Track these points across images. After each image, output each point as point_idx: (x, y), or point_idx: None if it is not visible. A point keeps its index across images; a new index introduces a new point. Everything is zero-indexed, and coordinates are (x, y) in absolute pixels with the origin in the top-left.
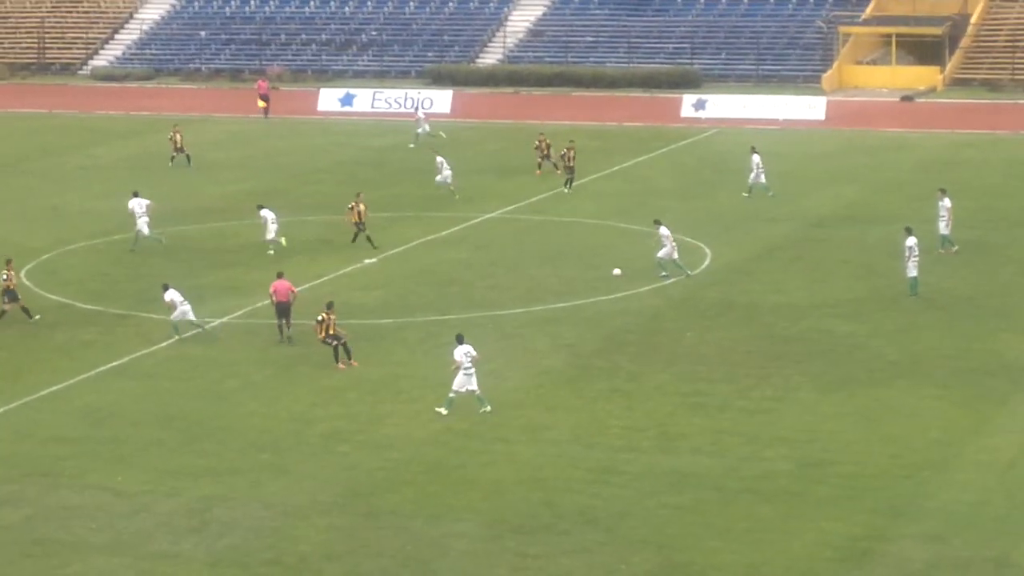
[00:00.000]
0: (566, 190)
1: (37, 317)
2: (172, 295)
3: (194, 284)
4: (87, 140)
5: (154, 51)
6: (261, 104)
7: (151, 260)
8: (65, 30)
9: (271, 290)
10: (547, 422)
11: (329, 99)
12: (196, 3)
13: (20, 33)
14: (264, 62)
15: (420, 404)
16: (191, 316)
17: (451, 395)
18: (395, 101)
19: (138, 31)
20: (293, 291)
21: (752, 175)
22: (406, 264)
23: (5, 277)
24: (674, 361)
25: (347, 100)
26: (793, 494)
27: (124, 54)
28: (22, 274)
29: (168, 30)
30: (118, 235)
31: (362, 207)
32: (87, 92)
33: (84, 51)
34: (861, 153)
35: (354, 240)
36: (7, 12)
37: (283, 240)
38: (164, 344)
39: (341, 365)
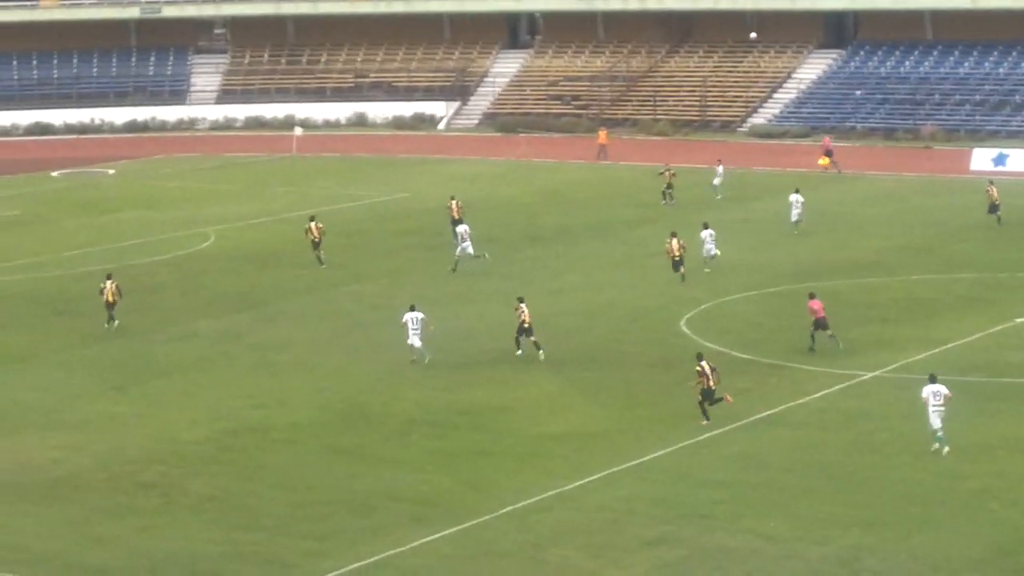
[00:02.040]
0: None
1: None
2: (408, 317)
3: (845, 336)
4: (745, 195)
5: (810, 110)
6: (822, 162)
7: (802, 313)
8: (726, 89)
9: (810, 308)
10: None
11: (982, 159)
12: (852, 63)
13: (683, 91)
14: (917, 121)
15: None
16: (417, 343)
17: (939, 434)
18: None
19: (795, 90)
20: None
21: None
22: None
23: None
24: None
25: (1000, 160)
26: None
27: (782, 112)
28: (682, 323)
29: (824, 89)
30: (771, 288)
31: None
32: (744, 148)
33: (743, 109)
34: None
35: None
36: (671, 71)
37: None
38: (816, 395)
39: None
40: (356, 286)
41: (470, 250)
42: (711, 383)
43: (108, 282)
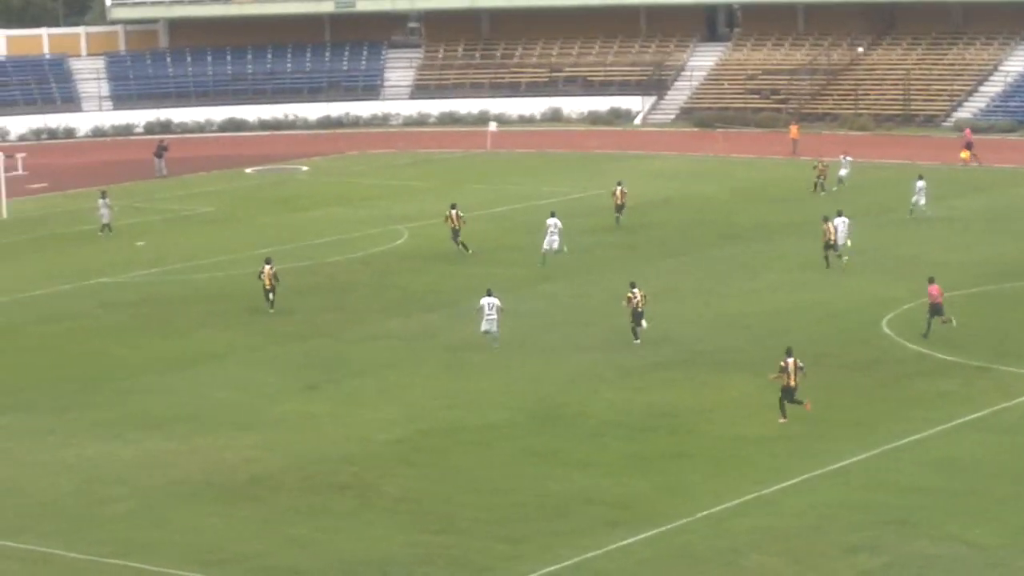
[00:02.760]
0: None
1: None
2: (484, 301)
3: None
4: (948, 192)
5: (1018, 103)
6: (964, 155)
7: (1010, 314)
8: (930, 82)
9: (929, 293)
10: None
11: None
12: None
13: (886, 85)
14: None
15: None
16: (483, 327)
17: None
18: None
19: (1002, 83)
20: (942, 294)
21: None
22: None
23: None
24: None
25: None
26: None
27: (988, 106)
28: (883, 324)
29: None
30: (976, 287)
31: None
32: (948, 144)
33: (948, 103)
34: None
35: None
36: (874, 64)
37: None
38: (1022, 399)
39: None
40: (548, 285)
41: (556, 245)
42: (792, 381)
43: (267, 267)
